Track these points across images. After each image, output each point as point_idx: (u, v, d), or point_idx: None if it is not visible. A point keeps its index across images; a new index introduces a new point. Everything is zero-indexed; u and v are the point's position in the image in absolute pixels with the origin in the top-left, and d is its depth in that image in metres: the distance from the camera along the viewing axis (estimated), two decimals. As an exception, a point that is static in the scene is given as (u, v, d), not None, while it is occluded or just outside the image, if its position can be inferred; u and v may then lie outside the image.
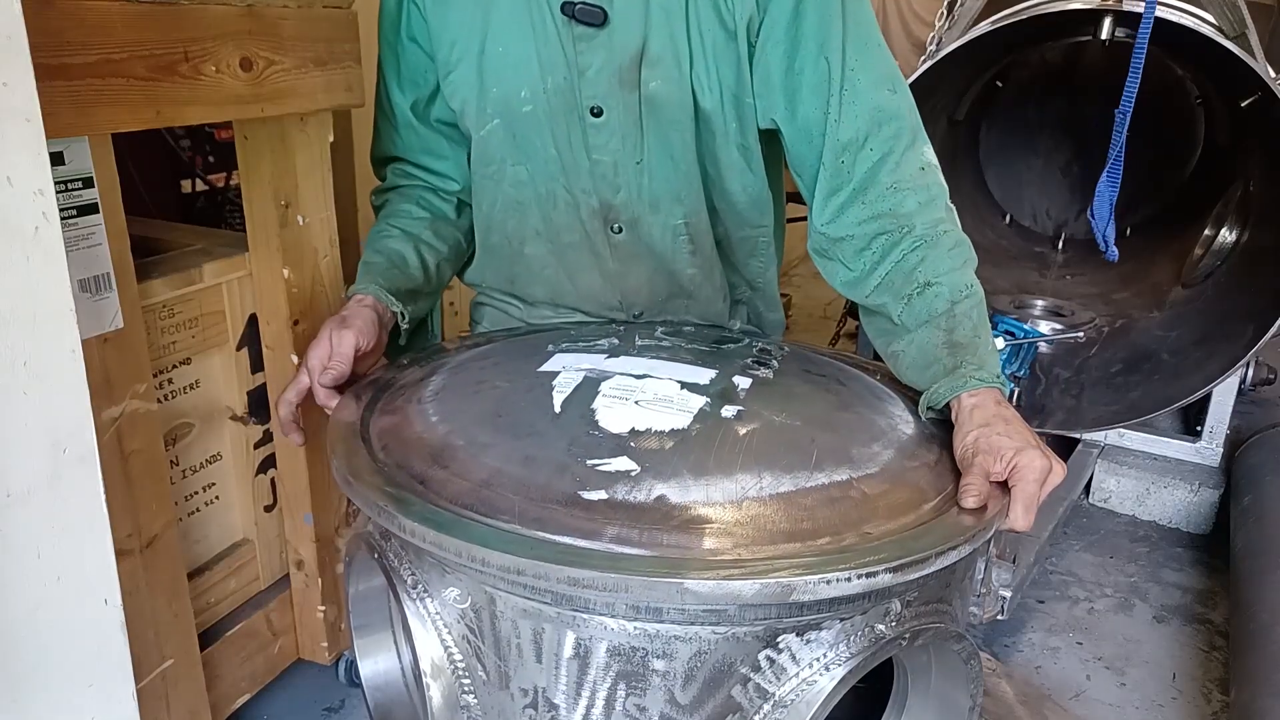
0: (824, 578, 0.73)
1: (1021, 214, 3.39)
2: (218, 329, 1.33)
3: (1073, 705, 1.70)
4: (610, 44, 1.15)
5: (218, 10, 1.09)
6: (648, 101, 1.18)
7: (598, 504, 0.80)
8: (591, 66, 1.17)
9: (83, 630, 0.80)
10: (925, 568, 0.77)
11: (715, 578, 0.72)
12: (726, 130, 1.22)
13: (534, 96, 1.19)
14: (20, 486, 0.73)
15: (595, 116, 1.19)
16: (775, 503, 0.83)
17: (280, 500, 1.48)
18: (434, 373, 1.11)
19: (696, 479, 0.83)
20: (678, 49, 1.15)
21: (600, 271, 1.34)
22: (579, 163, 1.24)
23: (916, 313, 1.09)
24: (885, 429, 0.99)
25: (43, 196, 0.71)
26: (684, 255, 1.32)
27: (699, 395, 0.97)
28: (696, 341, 1.20)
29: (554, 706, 0.81)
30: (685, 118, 1.19)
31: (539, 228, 1.30)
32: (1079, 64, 3.11)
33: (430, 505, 0.82)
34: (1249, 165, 2.58)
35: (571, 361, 1.06)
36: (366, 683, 1.12)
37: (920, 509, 0.86)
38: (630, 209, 1.26)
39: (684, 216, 1.28)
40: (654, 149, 1.22)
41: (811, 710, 0.77)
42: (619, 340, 1.17)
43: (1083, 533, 2.34)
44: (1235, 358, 2.25)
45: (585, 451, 0.87)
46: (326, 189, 1.34)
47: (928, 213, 1.12)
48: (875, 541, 0.79)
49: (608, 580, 0.72)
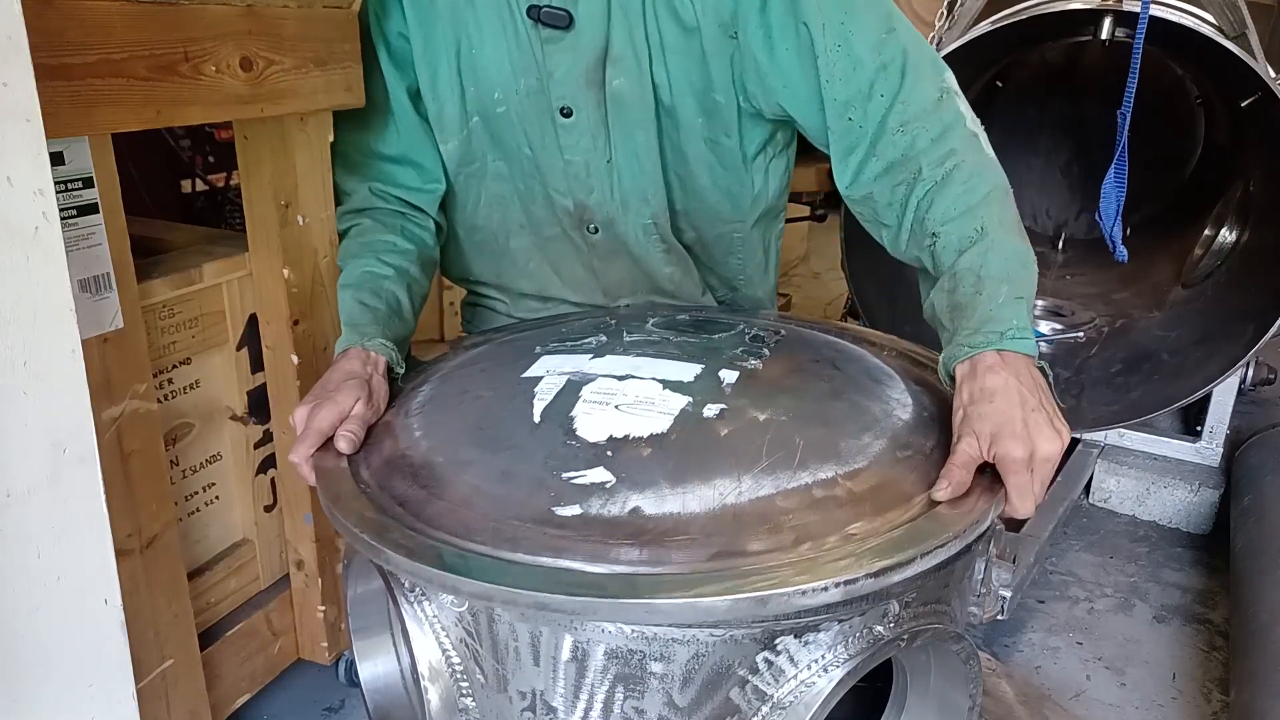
0: (799, 589, 0.70)
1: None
2: (218, 329, 1.33)
3: (1073, 705, 1.70)
4: (576, 45, 1.17)
5: (218, 10, 1.09)
6: (612, 99, 1.19)
7: (571, 520, 0.79)
8: (560, 68, 1.18)
9: (83, 630, 0.80)
10: (909, 569, 0.75)
11: (685, 595, 0.70)
12: (693, 124, 1.22)
13: (507, 98, 1.21)
14: (20, 486, 0.73)
15: (565, 117, 1.21)
16: (754, 508, 0.80)
17: (280, 500, 1.48)
18: (424, 383, 1.11)
19: (673, 487, 0.81)
20: (637, 47, 1.16)
21: (583, 265, 1.34)
22: (553, 163, 1.25)
23: (939, 268, 1.02)
24: (879, 416, 0.95)
25: (43, 196, 0.71)
26: (658, 254, 1.32)
27: (681, 395, 0.95)
28: (687, 332, 1.17)
29: (552, 709, 0.81)
30: (648, 115, 1.20)
31: (522, 221, 1.31)
32: (1079, 64, 3.11)
33: (406, 530, 0.81)
34: (1249, 165, 2.58)
35: (556, 365, 1.04)
36: (366, 685, 1.12)
37: (910, 503, 0.84)
38: (604, 209, 1.27)
39: (652, 216, 1.29)
40: (621, 148, 1.23)
41: (810, 712, 0.77)
42: (607, 337, 1.15)
43: (1083, 533, 2.34)
44: (1235, 358, 2.25)
45: (562, 464, 0.85)
46: (326, 189, 1.34)
47: (938, 147, 1.04)
48: (858, 543, 0.77)
49: (574, 604, 0.71)
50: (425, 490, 0.87)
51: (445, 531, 0.81)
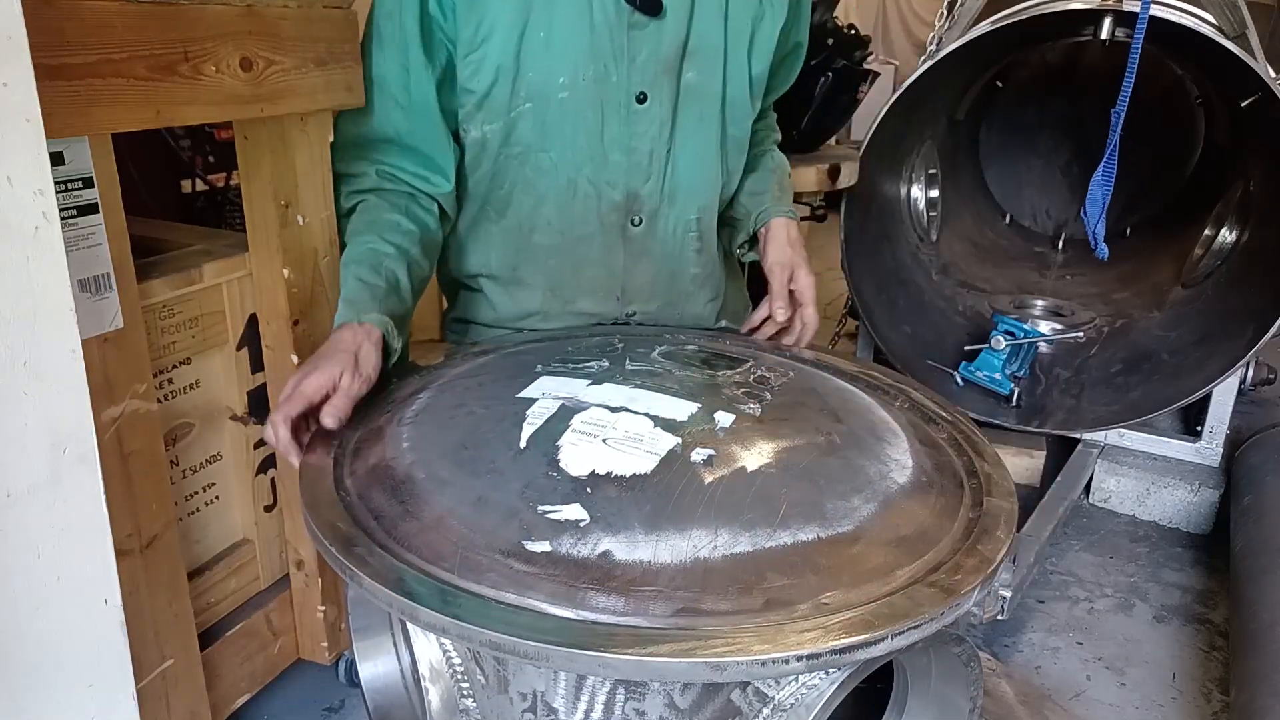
0: (758, 659, 0.67)
1: (1021, 214, 3.39)
2: (218, 329, 1.33)
3: (1073, 705, 1.70)
4: (660, 33, 1.23)
5: (218, 10, 1.08)
6: (684, 90, 1.27)
7: (539, 556, 0.77)
8: (641, 53, 1.23)
9: (83, 630, 0.80)
10: (877, 649, 0.71)
11: (638, 655, 0.67)
12: (748, 114, 1.37)
13: (572, 84, 1.23)
14: (20, 486, 0.73)
15: (640, 103, 1.26)
16: (727, 564, 0.77)
17: (280, 500, 1.48)
18: (423, 389, 1.09)
19: (648, 533, 0.78)
20: (714, 42, 1.27)
21: (607, 267, 1.35)
22: (608, 153, 1.28)
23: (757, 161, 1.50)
24: (873, 478, 0.91)
25: (43, 196, 0.70)
26: (691, 253, 1.38)
27: (671, 435, 0.91)
28: (692, 365, 1.14)
29: (553, 711, 0.81)
30: (714, 110, 1.31)
31: (551, 218, 1.32)
32: (1079, 64, 3.11)
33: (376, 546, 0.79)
34: (1249, 165, 2.58)
35: (553, 387, 1.02)
36: (366, 685, 1.12)
37: (891, 576, 0.79)
38: (654, 199, 1.32)
39: (698, 211, 1.36)
40: (682, 140, 1.30)
41: (811, 714, 0.77)
42: (610, 362, 1.12)
43: (1083, 533, 2.34)
44: (1235, 358, 2.25)
45: (539, 496, 0.83)
46: (326, 189, 1.34)
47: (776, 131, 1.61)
48: (828, 615, 0.72)
49: (527, 649, 0.68)
50: (402, 506, 0.85)
51: (413, 553, 0.79)
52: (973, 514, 0.90)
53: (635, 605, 0.73)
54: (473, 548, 0.78)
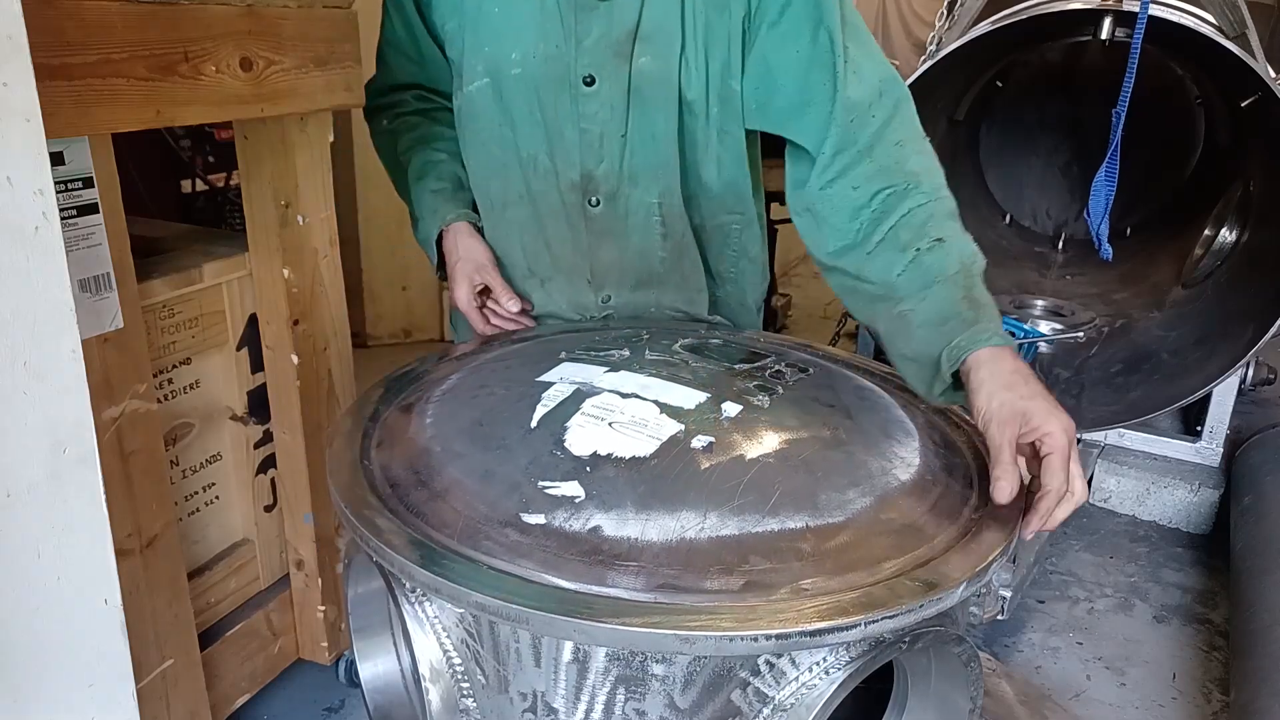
0: (726, 635, 0.69)
1: (1021, 214, 3.39)
2: (218, 329, 1.33)
3: (1073, 705, 1.70)
4: (610, 16, 1.20)
5: (218, 10, 1.08)
6: (636, 76, 1.23)
7: (533, 528, 0.80)
8: (589, 36, 1.21)
9: (83, 630, 0.80)
10: (850, 634, 0.72)
11: (612, 623, 0.70)
12: (708, 114, 1.26)
13: (524, 60, 1.23)
14: (20, 486, 0.72)
15: (587, 85, 1.23)
16: (712, 546, 0.78)
17: (280, 500, 1.48)
18: (455, 371, 1.12)
19: (638, 512, 0.81)
20: (669, 30, 1.21)
21: (573, 244, 1.35)
22: (564, 132, 1.27)
23: (926, 270, 1.05)
24: (873, 473, 0.90)
25: (43, 196, 0.70)
26: (655, 237, 1.34)
27: (675, 421, 0.93)
28: (711, 358, 1.14)
29: (553, 710, 0.81)
30: (670, 97, 1.24)
31: (521, 191, 1.32)
32: (1079, 64, 3.11)
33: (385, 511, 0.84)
34: (1249, 165, 2.58)
35: (571, 373, 1.05)
36: (366, 685, 1.12)
37: (877, 567, 0.78)
38: (610, 181, 1.30)
39: (659, 195, 1.31)
40: (638, 124, 1.26)
41: (811, 714, 0.77)
42: (631, 351, 1.14)
43: (1083, 533, 2.34)
44: (1235, 358, 2.25)
45: (541, 472, 0.86)
46: (326, 189, 1.34)
47: (933, 176, 1.14)
48: (804, 599, 0.73)
49: (510, 610, 0.72)
50: (415, 475, 0.90)
51: (420, 518, 0.84)
52: (975, 515, 0.90)
53: (617, 578, 0.76)
54: (474, 516, 0.82)
